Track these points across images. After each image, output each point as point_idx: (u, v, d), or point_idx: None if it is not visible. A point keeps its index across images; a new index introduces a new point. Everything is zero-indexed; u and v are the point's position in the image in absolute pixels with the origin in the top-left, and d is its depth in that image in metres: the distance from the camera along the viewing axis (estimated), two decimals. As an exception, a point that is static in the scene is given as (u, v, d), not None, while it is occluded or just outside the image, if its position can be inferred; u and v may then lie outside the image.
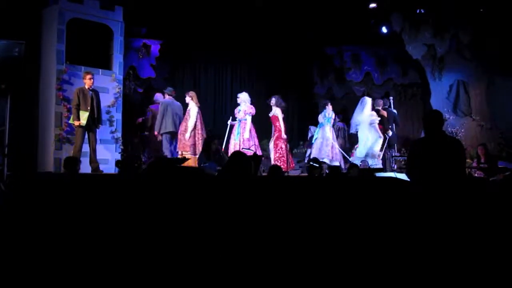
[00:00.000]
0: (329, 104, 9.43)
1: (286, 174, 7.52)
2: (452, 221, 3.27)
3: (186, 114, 8.21)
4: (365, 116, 8.92)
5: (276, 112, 8.68)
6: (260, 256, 2.69)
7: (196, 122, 8.10)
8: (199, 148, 7.92)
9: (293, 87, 13.34)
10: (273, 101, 8.75)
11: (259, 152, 8.26)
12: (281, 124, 8.61)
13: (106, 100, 7.90)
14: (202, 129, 8.24)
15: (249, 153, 7.26)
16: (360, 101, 9.25)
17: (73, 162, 5.96)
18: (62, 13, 7.49)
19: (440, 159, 3.60)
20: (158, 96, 9.13)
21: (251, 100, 8.68)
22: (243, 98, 8.56)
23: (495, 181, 6.03)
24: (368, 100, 9.07)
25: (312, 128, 10.78)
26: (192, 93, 8.38)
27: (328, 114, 9.27)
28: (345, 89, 11.88)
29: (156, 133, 8.30)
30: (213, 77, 12.12)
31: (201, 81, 11.91)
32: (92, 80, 7.13)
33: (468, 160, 8.38)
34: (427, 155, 3.65)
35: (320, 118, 9.42)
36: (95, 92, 7.22)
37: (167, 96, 8.53)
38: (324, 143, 9.08)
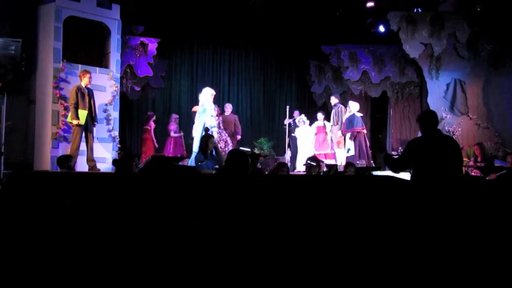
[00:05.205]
0: None
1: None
2: (451, 219, 3.27)
3: None
4: None
5: None
6: (259, 254, 2.69)
7: None
8: None
9: (290, 86, 13.35)
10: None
11: None
12: None
13: (103, 98, 7.88)
14: None
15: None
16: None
17: (66, 159, 5.95)
18: (59, 11, 7.46)
19: (439, 158, 3.60)
20: None
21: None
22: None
23: (492, 180, 6.04)
24: None
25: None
26: None
27: None
28: (343, 88, 11.90)
29: None
30: (211, 75, 12.11)
31: (198, 79, 11.89)
32: (91, 79, 7.15)
33: (465, 159, 8.40)
34: (425, 155, 3.64)
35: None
36: (91, 91, 7.21)
37: None
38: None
